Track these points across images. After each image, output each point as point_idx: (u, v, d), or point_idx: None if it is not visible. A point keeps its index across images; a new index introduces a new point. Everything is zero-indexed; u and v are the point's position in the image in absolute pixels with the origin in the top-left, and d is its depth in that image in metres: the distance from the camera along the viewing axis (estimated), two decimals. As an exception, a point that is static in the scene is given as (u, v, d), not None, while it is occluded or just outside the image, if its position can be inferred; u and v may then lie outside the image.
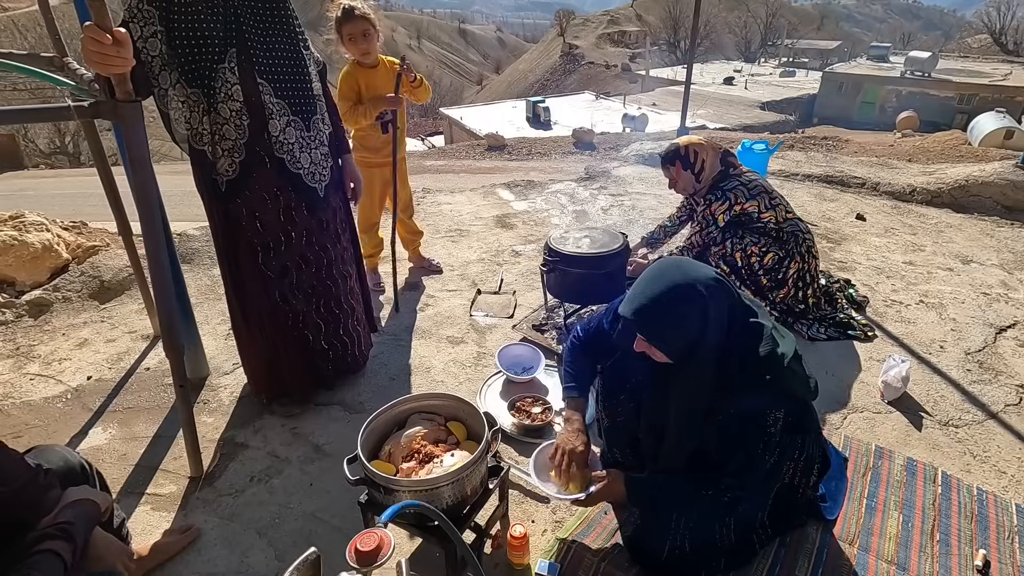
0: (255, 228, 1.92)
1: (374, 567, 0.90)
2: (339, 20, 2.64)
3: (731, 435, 1.43)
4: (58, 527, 1.04)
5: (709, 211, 2.70)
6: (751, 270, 2.67)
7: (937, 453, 2.07)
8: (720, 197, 2.66)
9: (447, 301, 3.09)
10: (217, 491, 1.91)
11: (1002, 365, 2.55)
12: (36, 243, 3.27)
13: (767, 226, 2.66)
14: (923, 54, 30.87)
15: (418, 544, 1.73)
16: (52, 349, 2.67)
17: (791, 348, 1.43)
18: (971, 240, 3.80)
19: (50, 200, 7.53)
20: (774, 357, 1.38)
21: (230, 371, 2.49)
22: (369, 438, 1.65)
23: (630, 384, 1.63)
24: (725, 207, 2.65)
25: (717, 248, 2.70)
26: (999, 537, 1.74)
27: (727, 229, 2.67)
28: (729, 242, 2.67)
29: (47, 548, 0.99)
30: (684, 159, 2.67)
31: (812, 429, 1.64)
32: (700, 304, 1.35)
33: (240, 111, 1.76)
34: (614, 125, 20.66)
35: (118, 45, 1.37)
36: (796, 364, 1.43)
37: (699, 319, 1.36)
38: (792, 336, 1.51)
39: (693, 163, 2.65)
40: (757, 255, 2.64)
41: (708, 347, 1.38)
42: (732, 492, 1.44)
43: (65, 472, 1.24)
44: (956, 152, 7.07)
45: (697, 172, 2.67)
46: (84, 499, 1.13)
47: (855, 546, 1.71)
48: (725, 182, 2.67)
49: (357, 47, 2.68)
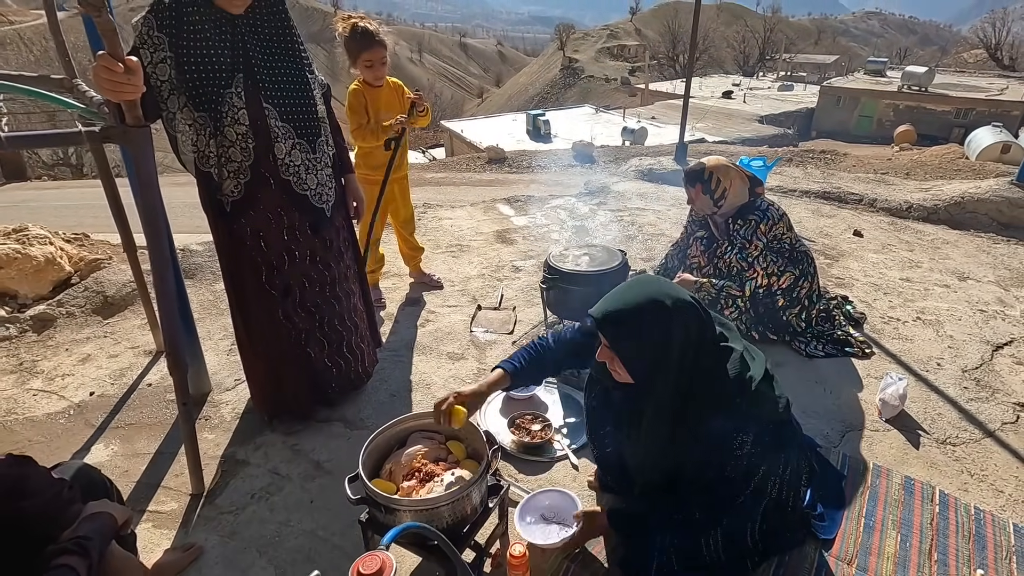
0: (259, 247, 1.95)
1: (376, 591, 0.91)
2: (358, 45, 2.65)
3: (700, 458, 1.45)
4: (75, 542, 1.06)
5: (747, 234, 2.62)
6: (770, 291, 2.67)
7: (935, 471, 2.08)
8: (763, 218, 2.60)
9: (447, 317, 3.11)
10: (218, 508, 1.92)
11: (999, 383, 2.56)
12: (39, 256, 3.30)
13: (783, 246, 2.67)
14: (920, 69, 31.18)
15: (418, 562, 1.74)
16: (55, 364, 2.68)
17: (760, 370, 1.46)
18: (968, 257, 3.83)
19: (52, 211, 7.56)
20: (742, 381, 1.41)
21: (232, 387, 2.51)
22: (370, 457, 1.67)
23: (612, 414, 1.65)
24: (766, 229, 2.60)
25: (749, 271, 2.64)
26: (996, 557, 1.75)
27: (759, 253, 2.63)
28: (757, 263, 2.62)
29: (63, 563, 1.01)
30: (706, 184, 2.61)
31: (793, 443, 1.66)
32: (664, 318, 1.38)
33: (246, 134, 1.80)
34: (614, 138, 20.82)
35: (129, 73, 1.41)
36: (765, 386, 1.46)
37: (661, 334, 1.38)
38: (763, 356, 1.54)
39: (713, 190, 2.60)
40: (776, 274, 2.64)
41: (671, 366, 1.40)
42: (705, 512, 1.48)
43: (87, 487, 1.26)
44: (954, 166, 7.13)
45: (716, 197, 2.62)
46: (103, 512, 1.15)
47: (853, 566, 1.71)
48: (757, 206, 2.63)
49: (374, 72, 2.72)
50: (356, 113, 2.77)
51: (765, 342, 2.74)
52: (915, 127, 22.48)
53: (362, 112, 2.77)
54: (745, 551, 1.63)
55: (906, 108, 28.85)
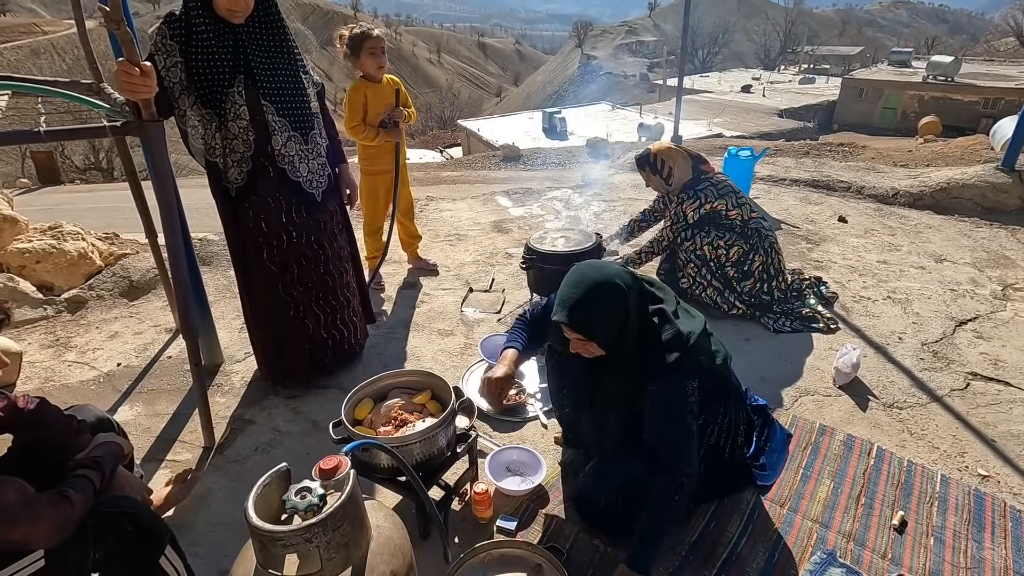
0: (260, 228, 2.21)
1: (332, 480, 1.15)
2: (360, 37, 2.97)
3: (658, 411, 1.62)
4: (90, 459, 1.31)
5: (681, 209, 2.93)
6: (719, 263, 2.89)
7: (877, 431, 2.24)
8: (691, 196, 2.90)
9: (441, 298, 3.35)
10: (226, 458, 2.19)
11: (956, 354, 2.70)
12: (73, 251, 3.63)
13: (733, 223, 2.88)
14: (946, 58, 30.51)
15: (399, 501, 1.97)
16: (87, 340, 3.00)
17: (699, 326, 1.66)
18: (948, 240, 3.94)
19: (84, 213, 8.01)
20: (680, 337, 1.60)
21: (242, 359, 2.78)
22: (353, 407, 1.91)
23: (569, 379, 1.84)
24: (696, 205, 2.88)
25: (688, 243, 2.93)
26: (920, 502, 1.92)
27: (696, 226, 2.91)
28: (698, 237, 2.90)
29: (81, 474, 1.26)
30: (652, 165, 2.94)
31: (731, 395, 1.85)
32: (621, 295, 1.57)
33: (247, 128, 2.06)
34: (630, 134, 20.89)
35: (145, 76, 1.67)
36: (703, 339, 1.65)
37: (623, 307, 1.57)
38: (701, 316, 1.73)
39: (660, 169, 2.92)
40: (724, 248, 2.87)
41: (631, 332, 1.59)
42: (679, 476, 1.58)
43: (95, 424, 1.52)
44: (977, 157, 7.02)
45: (665, 176, 2.92)
46: (111, 441, 1.41)
47: (785, 507, 1.90)
48: (697, 183, 2.91)
49: (376, 60, 3.00)
50: (354, 109, 3.03)
51: (735, 316, 2.93)
52: (941, 118, 22.06)
53: (360, 108, 3.03)
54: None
55: (931, 99, 28.28)
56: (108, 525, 1.25)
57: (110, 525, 1.25)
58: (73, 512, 1.18)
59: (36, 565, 1.17)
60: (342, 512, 1.12)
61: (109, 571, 1.27)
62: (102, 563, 1.25)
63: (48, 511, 1.15)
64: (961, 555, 1.73)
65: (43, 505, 1.15)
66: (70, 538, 1.19)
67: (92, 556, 1.23)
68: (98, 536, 1.23)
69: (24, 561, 1.16)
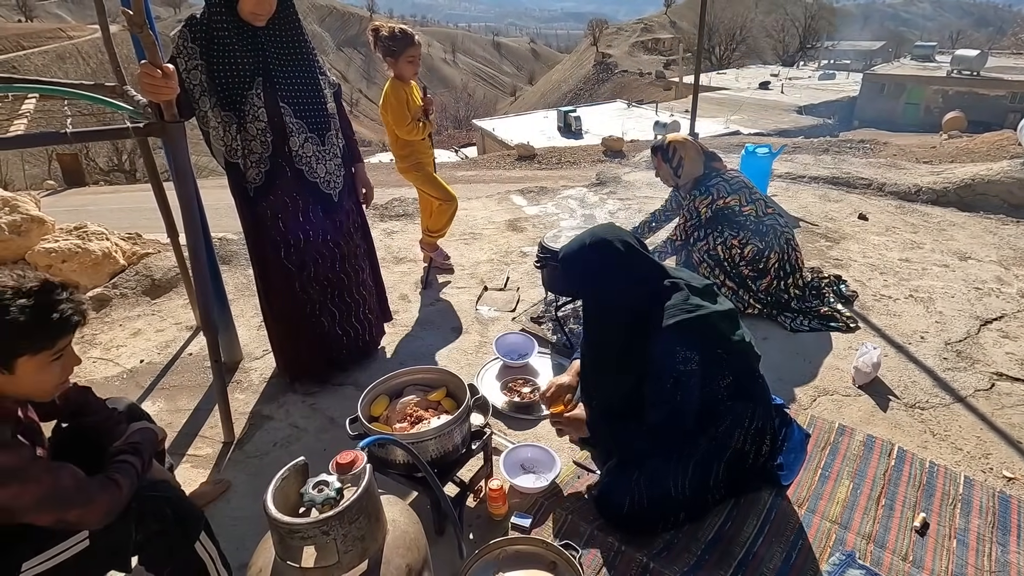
0: (278, 227, 2.24)
1: (349, 475, 1.17)
2: (403, 42, 3.00)
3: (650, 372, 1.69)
4: (131, 445, 1.36)
5: (693, 205, 2.92)
6: (733, 262, 2.87)
7: (898, 432, 2.21)
8: (703, 192, 2.88)
9: (456, 297, 3.36)
10: (246, 453, 2.23)
11: (980, 354, 2.65)
12: (97, 251, 3.71)
13: (747, 219, 2.85)
14: (971, 52, 29.80)
15: (414, 497, 1.99)
16: (111, 337, 3.06)
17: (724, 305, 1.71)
18: (973, 238, 3.85)
19: (108, 214, 8.18)
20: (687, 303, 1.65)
21: (260, 356, 2.82)
22: (369, 404, 1.93)
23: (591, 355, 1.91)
24: (708, 201, 2.87)
25: (701, 243, 2.91)
26: (942, 504, 1.88)
27: (708, 224, 2.89)
28: (711, 237, 2.89)
29: (124, 459, 1.31)
30: (664, 152, 2.96)
31: (761, 400, 1.84)
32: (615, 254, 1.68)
33: (265, 129, 2.09)
34: (645, 132, 20.71)
35: (166, 77, 1.70)
36: (721, 319, 1.68)
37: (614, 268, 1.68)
38: (728, 302, 1.76)
39: (671, 157, 2.94)
40: (738, 247, 2.85)
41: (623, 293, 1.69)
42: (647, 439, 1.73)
43: (127, 414, 1.57)
44: (1004, 153, 6.84)
45: (675, 167, 2.94)
46: (146, 428, 1.45)
47: (803, 508, 1.88)
48: (708, 179, 2.90)
49: (414, 67, 3.07)
50: (404, 106, 3.06)
51: (752, 316, 2.90)
52: (966, 113, 21.53)
53: (408, 107, 3.07)
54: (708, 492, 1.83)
55: (956, 94, 27.67)
56: (149, 508, 1.30)
57: (151, 509, 1.31)
58: (121, 496, 1.23)
59: (81, 546, 1.22)
60: (358, 505, 1.13)
61: (148, 553, 1.34)
62: (142, 545, 1.31)
63: (100, 494, 1.20)
64: (985, 558, 1.70)
65: (95, 489, 1.20)
66: (114, 520, 1.24)
67: (134, 538, 1.29)
68: (140, 519, 1.29)
69: (70, 542, 1.21)
